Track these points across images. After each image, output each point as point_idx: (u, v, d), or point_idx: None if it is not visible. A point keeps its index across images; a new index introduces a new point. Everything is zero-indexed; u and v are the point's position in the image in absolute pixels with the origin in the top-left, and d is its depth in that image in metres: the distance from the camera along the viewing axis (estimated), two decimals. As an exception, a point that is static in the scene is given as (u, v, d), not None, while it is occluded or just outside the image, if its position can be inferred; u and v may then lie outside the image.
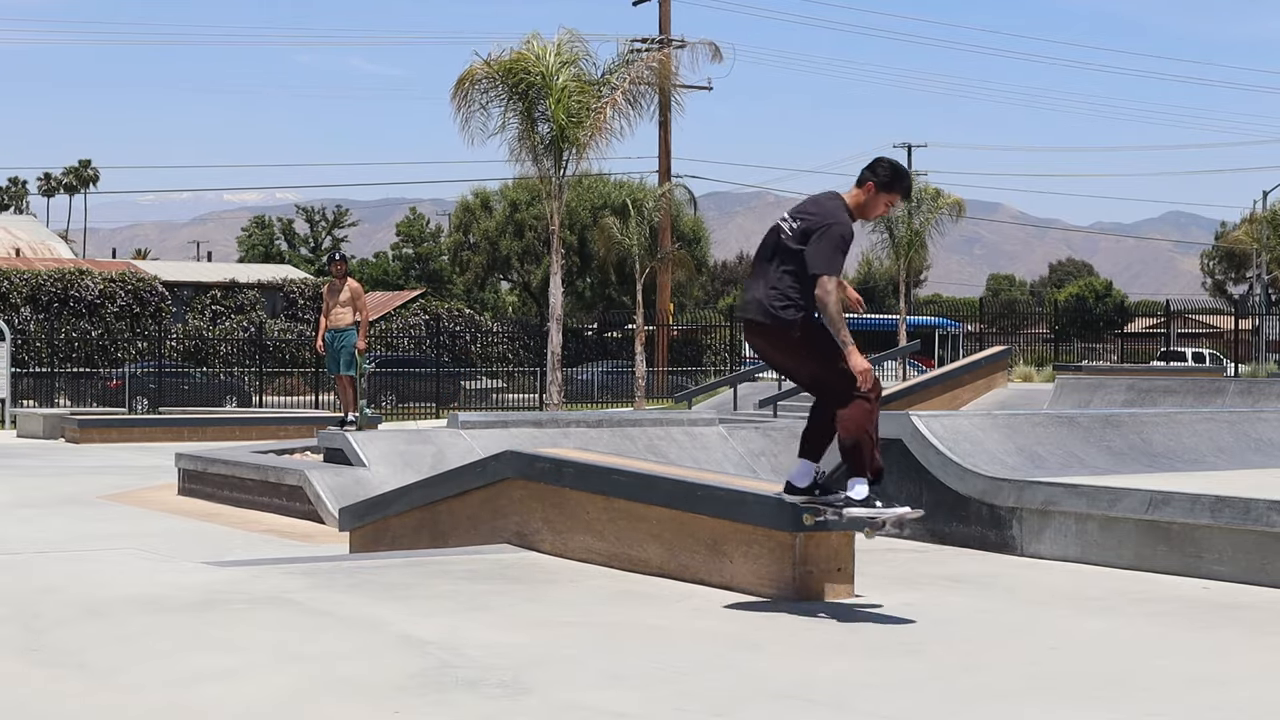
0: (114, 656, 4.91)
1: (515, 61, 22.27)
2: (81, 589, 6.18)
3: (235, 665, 4.75)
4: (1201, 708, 4.32)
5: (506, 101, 22.57)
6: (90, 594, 6.04)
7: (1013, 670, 4.78)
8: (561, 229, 23.60)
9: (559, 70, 22.19)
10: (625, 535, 6.72)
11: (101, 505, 12.40)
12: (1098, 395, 19.31)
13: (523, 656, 4.88)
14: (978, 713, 4.24)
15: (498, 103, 22.68)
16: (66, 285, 41.94)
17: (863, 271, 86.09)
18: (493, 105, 22.69)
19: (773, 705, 4.29)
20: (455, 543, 7.87)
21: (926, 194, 33.51)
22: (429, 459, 11.67)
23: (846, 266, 5.82)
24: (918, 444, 7.83)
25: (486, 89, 22.66)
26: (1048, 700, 4.38)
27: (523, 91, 22.30)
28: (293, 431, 19.96)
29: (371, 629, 5.40)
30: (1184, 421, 8.67)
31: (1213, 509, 6.44)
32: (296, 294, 47.37)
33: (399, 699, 4.32)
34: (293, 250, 79.51)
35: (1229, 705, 4.35)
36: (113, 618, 5.54)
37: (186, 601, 5.90)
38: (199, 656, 4.89)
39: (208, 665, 4.75)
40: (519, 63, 22.23)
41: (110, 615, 5.59)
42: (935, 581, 6.55)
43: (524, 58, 22.26)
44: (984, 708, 4.29)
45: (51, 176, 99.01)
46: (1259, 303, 44.99)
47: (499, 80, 22.38)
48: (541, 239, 50.54)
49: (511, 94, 22.42)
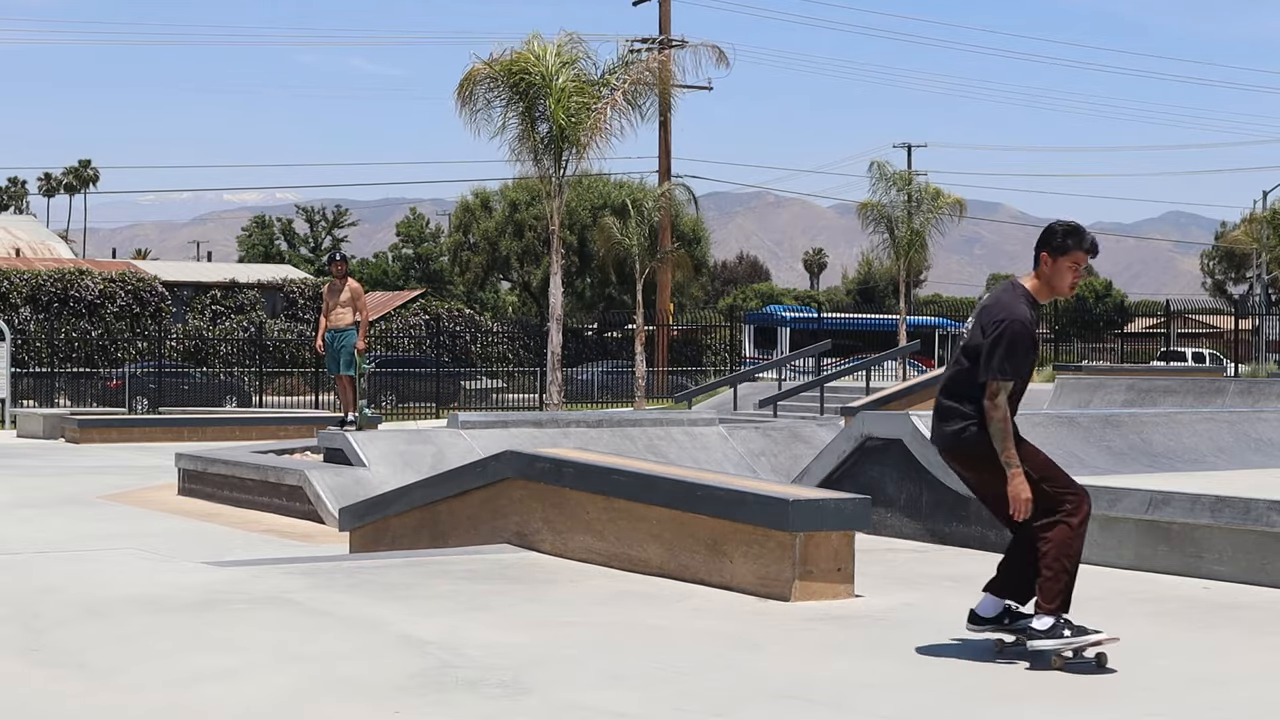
0: (114, 656, 4.91)
1: (515, 62, 22.27)
2: (81, 589, 6.18)
3: (235, 665, 4.75)
4: (1201, 708, 4.32)
5: (507, 102, 22.58)
6: (90, 594, 6.04)
7: (1014, 671, 4.77)
8: (561, 229, 23.59)
9: (559, 70, 22.19)
10: (625, 535, 6.72)
11: (101, 505, 12.39)
12: (1097, 395, 19.30)
13: (523, 656, 4.88)
14: (977, 713, 4.24)
15: (499, 103, 22.70)
16: (66, 285, 41.93)
17: (863, 271, 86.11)
18: (495, 105, 22.71)
19: (773, 705, 4.29)
20: (455, 543, 7.86)
21: (926, 194, 33.46)
22: (429, 459, 11.67)
23: (847, 267, 5.64)
24: (918, 444, 7.83)
25: (490, 89, 22.67)
26: (1048, 700, 4.38)
27: (523, 91, 22.30)
28: (293, 432, 19.95)
29: (371, 629, 5.40)
30: (1184, 421, 8.67)
31: (1213, 509, 6.43)
32: (296, 294, 47.35)
33: (399, 699, 4.32)
34: (293, 250, 79.52)
35: (1229, 705, 4.35)
36: (113, 618, 5.54)
37: (186, 601, 5.90)
38: (199, 656, 4.89)
39: (208, 665, 4.74)
40: (518, 63, 22.23)
41: (110, 615, 5.59)
42: (936, 582, 6.55)
43: (524, 58, 22.27)
44: (984, 708, 4.29)
45: (52, 176, 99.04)
46: (1259, 303, 44.93)
47: (500, 80, 22.39)
48: (541, 239, 50.54)
49: (512, 94, 22.43)
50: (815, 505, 6.01)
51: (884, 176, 33.00)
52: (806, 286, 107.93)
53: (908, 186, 33.39)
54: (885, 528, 7.93)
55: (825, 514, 6.01)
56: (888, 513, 7.98)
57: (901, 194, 32.98)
